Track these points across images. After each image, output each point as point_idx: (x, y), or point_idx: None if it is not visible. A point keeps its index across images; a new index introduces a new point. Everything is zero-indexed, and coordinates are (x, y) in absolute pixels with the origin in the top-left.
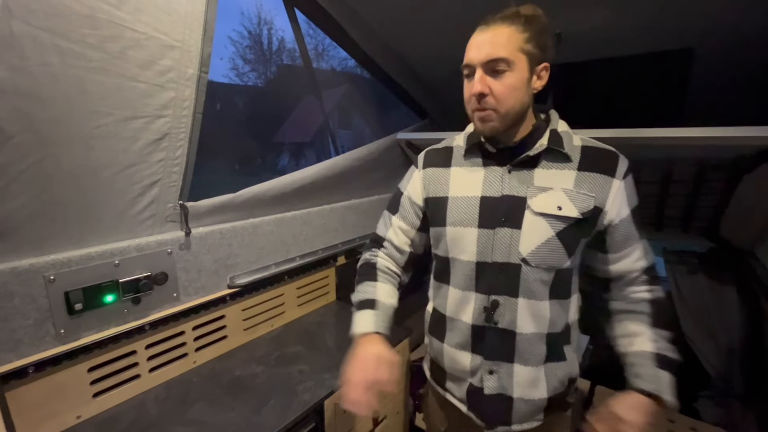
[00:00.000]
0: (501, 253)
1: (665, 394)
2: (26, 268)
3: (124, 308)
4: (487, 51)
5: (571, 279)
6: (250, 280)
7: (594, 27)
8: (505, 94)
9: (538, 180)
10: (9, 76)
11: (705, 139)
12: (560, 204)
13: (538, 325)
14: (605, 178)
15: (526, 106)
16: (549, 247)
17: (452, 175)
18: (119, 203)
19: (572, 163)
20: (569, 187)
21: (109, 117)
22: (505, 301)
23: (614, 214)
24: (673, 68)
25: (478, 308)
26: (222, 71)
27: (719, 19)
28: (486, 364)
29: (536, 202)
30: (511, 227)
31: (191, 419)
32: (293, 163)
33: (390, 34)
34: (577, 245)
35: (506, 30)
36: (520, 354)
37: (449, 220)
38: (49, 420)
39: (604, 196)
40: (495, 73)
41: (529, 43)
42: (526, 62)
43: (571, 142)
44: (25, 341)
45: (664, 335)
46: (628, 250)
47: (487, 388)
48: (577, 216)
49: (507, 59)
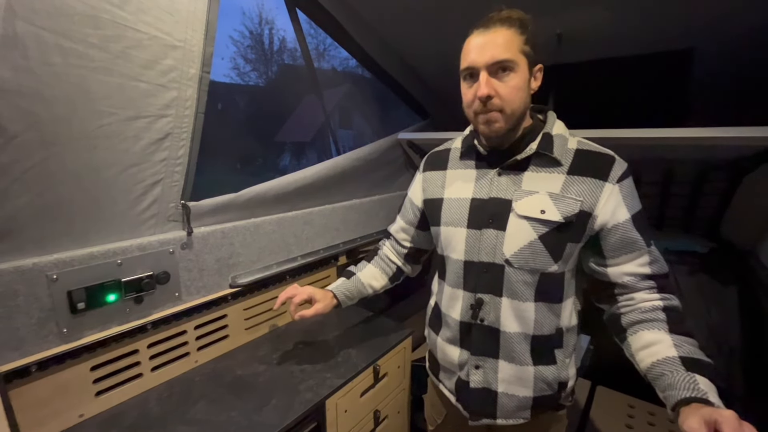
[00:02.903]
0: (487, 253)
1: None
2: (30, 267)
3: (127, 307)
4: (491, 53)
5: (562, 283)
6: (251, 279)
7: (594, 27)
8: (511, 95)
9: (526, 183)
10: (13, 75)
11: (706, 140)
12: (543, 207)
13: (522, 326)
14: (596, 182)
15: (526, 107)
16: (531, 250)
17: (448, 178)
18: (122, 203)
19: (562, 167)
20: (555, 191)
21: (111, 117)
22: (490, 299)
23: (606, 218)
24: (674, 68)
25: (466, 305)
26: (223, 71)
27: (720, 19)
28: (472, 359)
29: (520, 205)
30: (497, 229)
31: (193, 418)
32: (294, 163)
33: (391, 33)
34: (564, 249)
35: (506, 32)
36: (504, 351)
37: (443, 220)
38: (52, 418)
39: (593, 201)
40: (500, 75)
41: (527, 44)
42: (526, 63)
43: (564, 146)
44: (29, 340)
45: (688, 341)
46: (629, 255)
47: (472, 382)
48: (559, 220)
49: (512, 60)
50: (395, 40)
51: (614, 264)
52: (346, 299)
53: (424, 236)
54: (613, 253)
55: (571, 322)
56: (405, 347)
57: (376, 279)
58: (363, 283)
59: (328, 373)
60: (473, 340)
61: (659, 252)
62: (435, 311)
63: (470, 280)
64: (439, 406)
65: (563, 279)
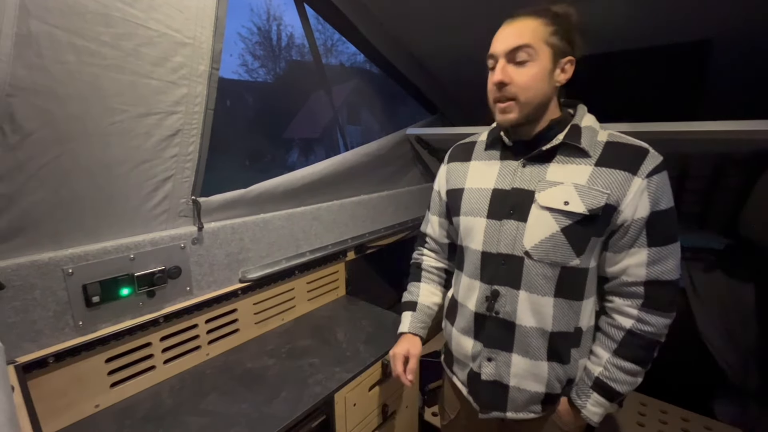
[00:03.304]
0: (506, 244)
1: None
2: (46, 261)
3: (140, 301)
4: (511, 40)
5: (584, 281)
6: (261, 274)
7: (609, 19)
8: (526, 84)
9: (551, 174)
10: (27, 74)
11: (723, 133)
12: (567, 199)
13: (540, 321)
14: (625, 174)
15: (547, 98)
16: (553, 242)
17: (471, 168)
18: (134, 198)
19: (590, 159)
20: (582, 182)
21: (123, 114)
22: (506, 292)
23: (629, 214)
24: (691, 60)
25: (481, 297)
26: (232, 68)
27: (739, 9)
28: (485, 351)
29: (543, 196)
30: (518, 220)
31: (205, 410)
32: (303, 159)
33: (399, 28)
34: (587, 243)
35: (532, 22)
36: (519, 345)
37: (463, 209)
38: (69, 408)
39: (621, 194)
40: (517, 63)
41: (554, 35)
42: (549, 54)
43: (594, 137)
44: (46, 332)
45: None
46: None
47: (484, 374)
48: (583, 212)
49: (530, 46)
50: (404, 34)
51: (612, 255)
52: (424, 331)
53: None
54: (616, 247)
55: (590, 322)
56: None
57: (436, 294)
58: (428, 306)
59: (337, 367)
60: (487, 332)
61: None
62: (452, 302)
63: (487, 272)
64: (453, 400)
65: (586, 276)
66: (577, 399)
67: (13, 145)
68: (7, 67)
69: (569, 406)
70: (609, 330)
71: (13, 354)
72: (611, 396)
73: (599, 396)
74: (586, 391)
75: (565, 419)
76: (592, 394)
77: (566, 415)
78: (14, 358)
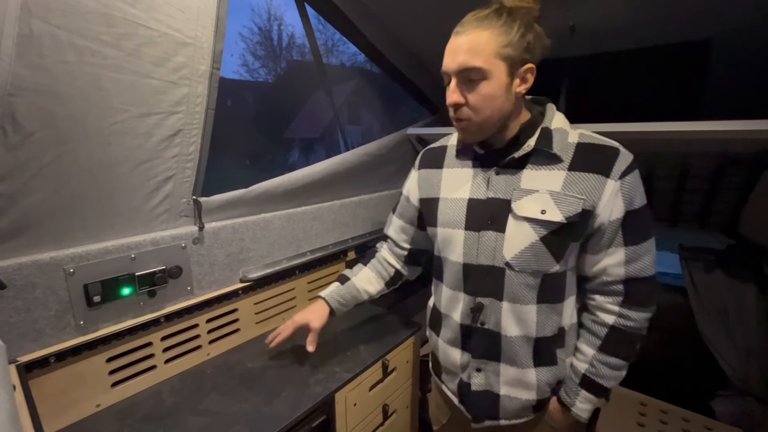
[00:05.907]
0: (486, 256)
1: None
2: (47, 261)
3: (141, 301)
4: (460, 59)
5: (564, 282)
6: (261, 274)
7: (608, 18)
8: (480, 105)
9: (525, 182)
10: (29, 73)
11: (724, 133)
12: (544, 207)
13: (524, 329)
14: (598, 178)
15: (506, 112)
16: (533, 252)
17: (444, 177)
18: (135, 198)
19: (563, 163)
20: (556, 189)
21: (124, 114)
22: (490, 303)
23: (605, 217)
24: (691, 59)
25: (466, 309)
26: (233, 68)
27: (739, 7)
28: (474, 362)
29: (520, 206)
30: (496, 231)
31: (205, 409)
32: (303, 159)
33: (400, 28)
34: (566, 249)
35: (482, 34)
36: (506, 355)
37: (440, 221)
38: (70, 408)
39: (596, 199)
40: (469, 82)
41: (508, 47)
42: (504, 68)
43: (564, 140)
44: (47, 332)
45: (608, 362)
46: (607, 251)
47: (474, 385)
48: (561, 220)
49: (481, 69)
50: (404, 34)
51: (591, 257)
52: (340, 306)
53: (423, 236)
54: (594, 249)
55: (572, 319)
56: (413, 342)
57: (372, 283)
58: (358, 288)
59: (337, 367)
60: (474, 343)
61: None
62: (434, 312)
63: (470, 284)
64: (444, 407)
65: (565, 278)
66: (567, 398)
67: (15, 144)
68: (8, 67)
69: (559, 404)
70: (593, 327)
71: (14, 353)
72: (599, 392)
73: (587, 393)
74: (575, 389)
75: (556, 418)
76: (581, 391)
77: (557, 413)
78: (16, 358)
